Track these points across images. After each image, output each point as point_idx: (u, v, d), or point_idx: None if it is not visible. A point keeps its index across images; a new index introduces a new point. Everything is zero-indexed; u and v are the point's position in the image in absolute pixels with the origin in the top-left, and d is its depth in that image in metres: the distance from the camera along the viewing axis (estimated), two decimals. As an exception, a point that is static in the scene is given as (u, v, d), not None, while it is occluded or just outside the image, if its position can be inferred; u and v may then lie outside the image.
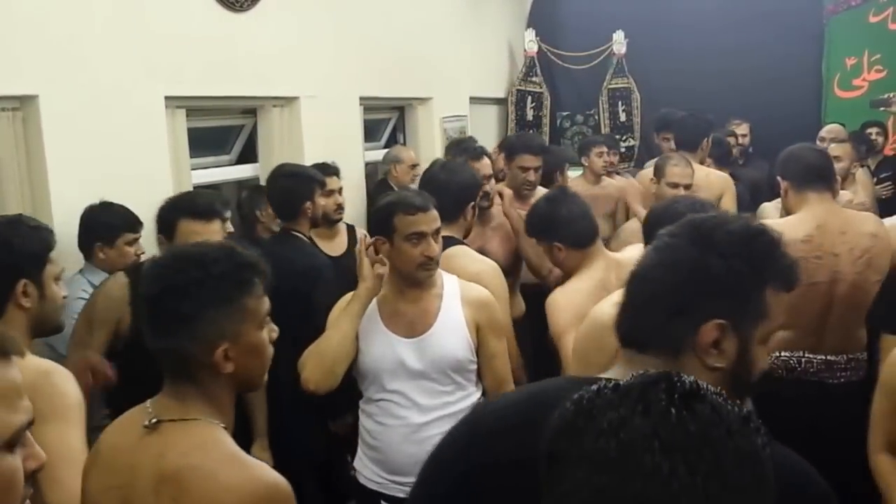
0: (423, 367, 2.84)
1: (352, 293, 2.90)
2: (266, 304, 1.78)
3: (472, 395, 2.92)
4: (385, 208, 2.87)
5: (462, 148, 4.65)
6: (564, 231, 3.34)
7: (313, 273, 3.77)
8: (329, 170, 4.49)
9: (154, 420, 1.69)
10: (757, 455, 0.94)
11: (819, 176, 3.59)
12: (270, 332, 1.81)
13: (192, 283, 1.68)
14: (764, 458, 0.95)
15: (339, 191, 4.51)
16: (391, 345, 2.87)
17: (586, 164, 6.11)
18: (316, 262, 3.92)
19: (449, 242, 3.32)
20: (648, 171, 5.16)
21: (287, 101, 5.28)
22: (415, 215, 2.82)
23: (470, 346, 2.88)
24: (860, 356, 3.51)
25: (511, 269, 4.06)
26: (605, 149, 6.07)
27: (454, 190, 3.58)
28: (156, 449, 1.66)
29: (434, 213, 2.86)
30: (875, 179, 6.40)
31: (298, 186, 4.00)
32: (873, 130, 6.86)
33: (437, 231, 2.87)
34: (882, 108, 6.76)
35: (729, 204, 4.89)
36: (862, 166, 5.90)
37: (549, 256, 3.47)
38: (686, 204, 2.88)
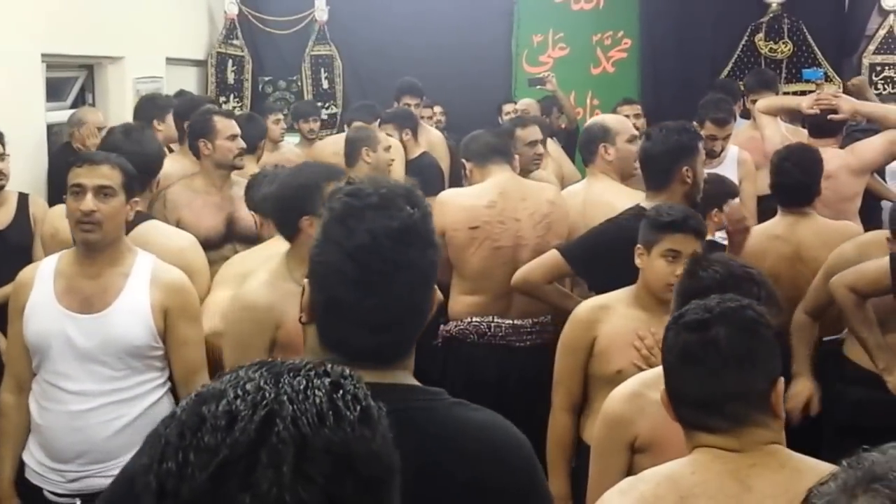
0: (92, 348, 2.68)
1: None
2: None
3: (153, 383, 2.78)
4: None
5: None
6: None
7: None
8: None
9: None
10: None
11: (498, 151, 3.89)
12: None
13: None
14: None
15: (1, 157, 4.10)
16: (60, 320, 2.68)
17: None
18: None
19: (141, 218, 3.15)
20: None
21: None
22: (81, 167, 2.71)
23: (153, 332, 2.73)
24: (544, 319, 3.77)
25: None
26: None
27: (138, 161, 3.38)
28: None
29: (105, 169, 2.71)
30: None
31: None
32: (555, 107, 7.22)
33: (103, 188, 2.69)
34: (538, 87, 7.08)
35: None
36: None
37: None
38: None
